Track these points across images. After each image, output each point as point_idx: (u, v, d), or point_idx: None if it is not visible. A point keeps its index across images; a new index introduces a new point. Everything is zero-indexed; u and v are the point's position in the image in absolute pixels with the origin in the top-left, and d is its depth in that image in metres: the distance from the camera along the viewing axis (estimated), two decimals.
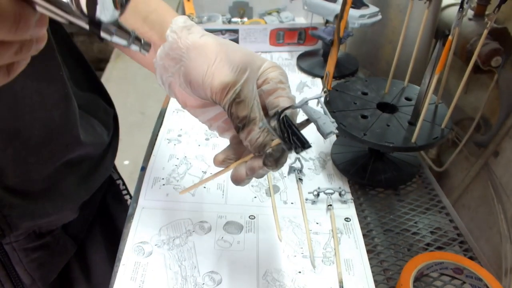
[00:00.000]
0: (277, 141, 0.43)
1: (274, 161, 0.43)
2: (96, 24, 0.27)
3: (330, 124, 0.42)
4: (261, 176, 0.46)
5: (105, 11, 0.26)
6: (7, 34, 0.24)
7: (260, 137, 0.43)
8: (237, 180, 0.46)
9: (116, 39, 0.30)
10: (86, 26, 0.27)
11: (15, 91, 0.46)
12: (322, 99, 0.43)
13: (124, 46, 0.31)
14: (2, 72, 0.27)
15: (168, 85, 0.47)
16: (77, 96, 0.56)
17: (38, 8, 0.25)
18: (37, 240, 0.58)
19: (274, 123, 0.43)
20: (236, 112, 0.42)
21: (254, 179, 0.72)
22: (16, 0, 0.23)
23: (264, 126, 0.43)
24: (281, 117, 0.42)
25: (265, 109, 0.45)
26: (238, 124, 0.43)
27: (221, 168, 0.48)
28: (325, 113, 0.43)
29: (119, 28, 0.29)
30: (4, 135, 0.47)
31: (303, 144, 0.42)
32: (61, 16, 0.26)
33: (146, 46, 0.32)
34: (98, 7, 0.26)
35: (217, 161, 0.47)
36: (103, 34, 0.28)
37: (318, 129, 0.43)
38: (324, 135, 0.42)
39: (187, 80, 0.45)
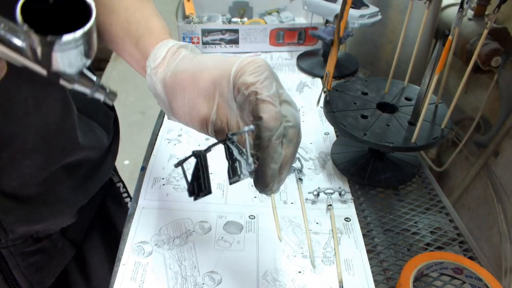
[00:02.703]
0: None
1: (259, 186, 0.40)
2: (54, 73, 0.25)
3: (247, 168, 0.38)
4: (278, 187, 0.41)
5: (67, 64, 0.24)
6: None
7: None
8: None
9: (77, 87, 0.28)
10: (44, 73, 0.25)
11: (9, 95, 0.45)
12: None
13: (87, 94, 0.28)
14: None
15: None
16: (77, 99, 0.55)
17: None
18: (35, 244, 0.58)
19: (256, 148, 0.39)
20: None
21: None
22: None
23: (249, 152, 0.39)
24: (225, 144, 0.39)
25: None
26: None
27: None
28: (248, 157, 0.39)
29: (82, 75, 0.27)
30: None
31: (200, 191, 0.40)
32: (16, 61, 0.24)
33: (111, 95, 0.30)
34: (58, 61, 0.23)
35: None
36: (62, 82, 0.26)
37: (233, 168, 0.39)
38: (237, 174, 0.38)
39: (174, 114, 0.46)
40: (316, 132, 0.83)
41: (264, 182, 0.39)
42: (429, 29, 1.16)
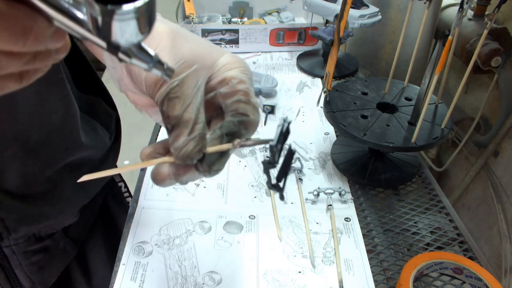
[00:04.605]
0: (215, 148, 0.36)
1: (207, 166, 0.36)
2: (114, 45, 0.25)
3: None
4: (186, 182, 0.38)
5: (126, 35, 0.24)
6: (13, 46, 0.22)
7: (188, 146, 0.35)
8: (157, 180, 0.38)
9: (135, 62, 0.27)
10: (104, 46, 0.25)
11: (13, 94, 0.45)
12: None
13: (144, 69, 0.28)
14: (13, 79, 0.26)
15: (117, 80, 0.41)
16: (79, 98, 0.55)
17: (56, 22, 0.24)
18: (37, 243, 0.58)
19: (224, 129, 0.37)
20: (167, 110, 0.35)
21: (254, 178, 0.72)
22: (26, 11, 0.22)
23: (200, 132, 0.35)
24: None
25: (218, 110, 0.40)
26: (167, 125, 0.36)
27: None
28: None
29: (140, 50, 0.27)
30: (2, 137, 0.47)
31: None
32: (78, 33, 0.24)
33: (169, 71, 0.29)
34: (117, 31, 0.24)
35: (144, 155, 0.40)
36: (121, 56, 0.26)
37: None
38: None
39: (128, 72, 0.39)
40: (316, 132, 0.83)
41: (220, 165, 0.37)
42: (429, 29, 1.16)
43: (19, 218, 0.52)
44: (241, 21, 1.19)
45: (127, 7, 0.23)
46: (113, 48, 0.25)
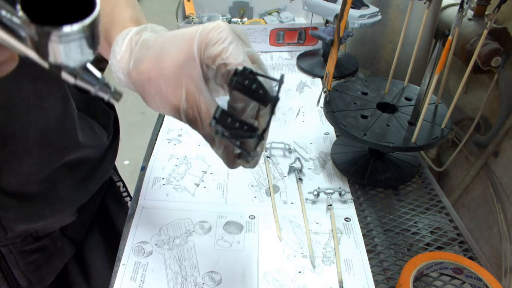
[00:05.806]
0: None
1: (249, 154, 0.40)
2: (56, 65, 0.23)
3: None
4: (255, 165, 0.42)
5: (70, 57, 0.22)
6: None
7: (226, 162, 0.40)
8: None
9: (80, 83, 0.26)
10: (45, 65, 0.23)
11: (11, 93, 0.45)
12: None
13: (89, 91, 0.27)
14: None
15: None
16: (77, 98, 0.55)
17: None
18: (34, 243, 0.58)
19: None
20: (195, 130, 0.39)
21: (254, 178, 0.72)
22: None
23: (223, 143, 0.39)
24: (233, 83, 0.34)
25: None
26: (207, 141, 0.41)
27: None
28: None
29: (86, 71, 0.25)
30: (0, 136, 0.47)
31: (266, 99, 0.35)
32: (19, 50, 0.23)
33: (116, 94, 0.28)
34: (56, 52, 0.22)
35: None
36: (64, 76, 0.25)
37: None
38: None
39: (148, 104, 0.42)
40: (316, 132, 0.83)
41: (256, 154, 0.40)
42: (429, 29, 1.16)
43: (16, 217, 0.52)
44: (241, 21, 1.19)
45: (65, 29, 0.21)
46: (56, 69, 0.24)
